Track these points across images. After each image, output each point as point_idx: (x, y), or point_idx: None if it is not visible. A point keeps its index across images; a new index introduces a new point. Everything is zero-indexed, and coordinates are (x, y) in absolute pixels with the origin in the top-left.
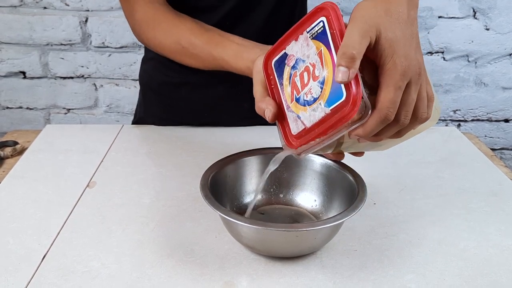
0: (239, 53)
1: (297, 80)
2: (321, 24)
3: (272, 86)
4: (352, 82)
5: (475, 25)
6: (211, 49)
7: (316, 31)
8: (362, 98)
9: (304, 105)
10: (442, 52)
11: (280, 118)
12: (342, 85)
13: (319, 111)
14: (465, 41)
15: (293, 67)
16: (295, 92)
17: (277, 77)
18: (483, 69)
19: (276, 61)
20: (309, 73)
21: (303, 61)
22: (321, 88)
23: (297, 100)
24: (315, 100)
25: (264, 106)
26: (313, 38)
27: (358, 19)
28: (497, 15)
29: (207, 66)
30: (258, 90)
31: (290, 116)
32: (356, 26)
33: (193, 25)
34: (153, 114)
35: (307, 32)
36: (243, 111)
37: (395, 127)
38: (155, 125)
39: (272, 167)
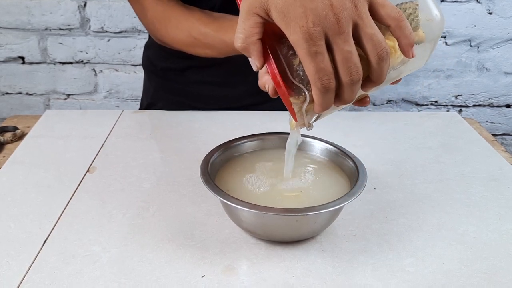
0: None
1: None
2: None
3: None
4: (268, 66)
5: (478, 9)
6: (222, 35)
7: None
8: (293, 81)
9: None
10: (445, 37)
11: None
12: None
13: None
14: (468, 25)
15: None
16: None
17: None
18: (486, 54)
19: None
20: None
21: None
22: None
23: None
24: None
25: (264, 82)
26: None
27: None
28: None
29: (222, 53)
30: None
31: None
32: (241, 9)
33: (201, 15)
34: (162, 97)
35: None
36: (249, 85)
37: (352, 85)
38: (161, 110)
39: (293, 148)
